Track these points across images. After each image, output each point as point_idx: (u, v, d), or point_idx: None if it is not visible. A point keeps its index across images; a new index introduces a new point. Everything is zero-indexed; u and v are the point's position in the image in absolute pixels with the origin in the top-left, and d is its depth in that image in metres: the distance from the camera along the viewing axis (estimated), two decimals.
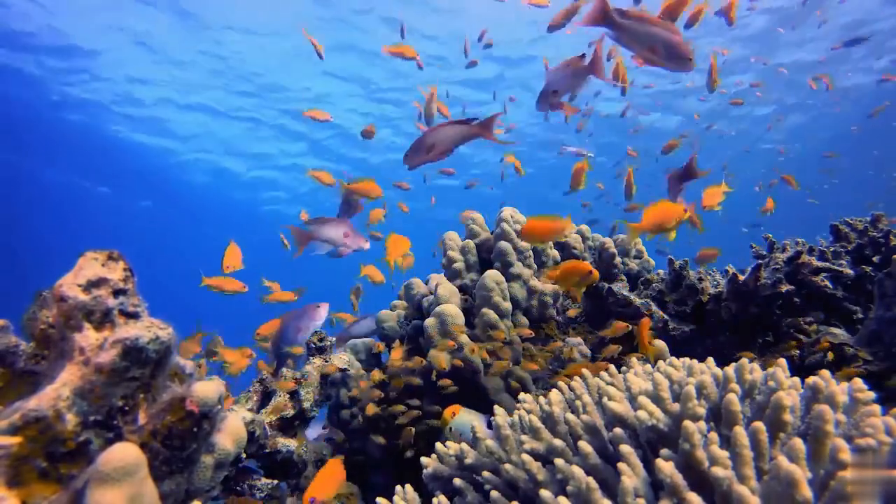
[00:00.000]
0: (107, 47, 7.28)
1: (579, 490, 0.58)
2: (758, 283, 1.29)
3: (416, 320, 1.56)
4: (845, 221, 1.56)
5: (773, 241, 1.54)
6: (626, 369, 0.89)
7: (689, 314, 1.43)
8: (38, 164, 11.09)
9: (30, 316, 0.69)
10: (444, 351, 1.28)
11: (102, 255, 0.66)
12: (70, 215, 14.76)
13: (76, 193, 12.91)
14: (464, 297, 1.49)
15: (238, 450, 0.77)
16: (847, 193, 11.72)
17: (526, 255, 1.55)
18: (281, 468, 1.21)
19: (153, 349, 0.63)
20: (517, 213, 1.59)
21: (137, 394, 0.64)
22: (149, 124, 9.61)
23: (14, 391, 0.65)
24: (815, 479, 0.49)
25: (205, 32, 7.19)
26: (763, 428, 0.53)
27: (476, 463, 0.80)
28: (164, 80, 8.22)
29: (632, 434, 0.65)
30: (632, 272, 1.77)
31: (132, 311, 0.66)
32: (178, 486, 0.67)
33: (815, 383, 0.59)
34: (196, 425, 0.66)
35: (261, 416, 1.22)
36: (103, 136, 9.89)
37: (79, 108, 8.92)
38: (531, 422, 0.74)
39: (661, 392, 0.64)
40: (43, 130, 9.51)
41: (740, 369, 0.65)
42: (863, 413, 0.56)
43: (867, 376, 1.04)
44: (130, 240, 15.24)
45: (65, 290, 0.63)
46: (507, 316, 1.42)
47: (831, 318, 1.32)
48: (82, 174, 11.82)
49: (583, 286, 1.25)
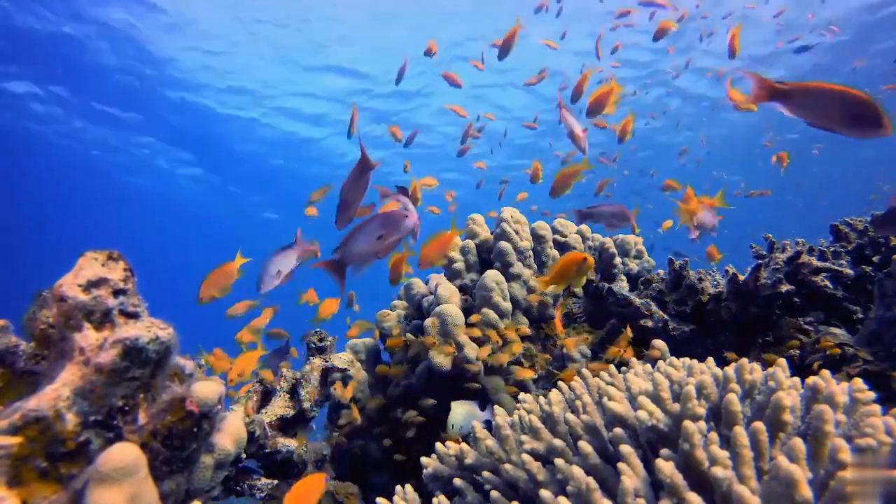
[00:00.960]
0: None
1: (579, 490, 0.58)
2: (758, 283, 1.29)
3: (416, 320, 1.56)
4: (845, 221, 1.56)
5: (773, 241, 1.54)
6: (626, 369, 0.89)
7: (689, 314, 1.43)
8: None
9: (30, 316, 0.69)
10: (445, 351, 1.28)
11: (102, 255, 0.66)
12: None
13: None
14: (464, 297, 1.50)
15: (238, 450, 0.77)
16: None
17: (526, 255, 1.55)
18: (281, 468, 1.21)
19: (153, 349, 0.63)
20: (517, 213, 1.59)
21: (137, 394, 0.64)
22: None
23: (14, 391, 0.65)
24: (815, 479, 0.49)
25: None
26: (763, 428, 0.53)
27: (476, 463, 0.80)
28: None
29: (632, 434, 0.65)
30: (632, 272, 1.77)
31: (132, 311, 0.66)
32: (178, 485, 0.67)
33: (815, 383, 0.59)
34: (196, 425, 0.66)
35: (261, 416, 1.22)
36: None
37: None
38: (531, 422, 0.74)
39: (662, 392, 0.64)
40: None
41: (740, 369, 0.65)
42: (863, 413, 0.56)
43: (867, 376, 1.04)
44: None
45: (65, 290, 0.63)
46: (507, 316, 1.42)
47: (831, 318, 1.32)
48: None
49: (582, 276, 1.21)
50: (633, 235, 1.86)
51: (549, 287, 1.21)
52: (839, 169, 11.31)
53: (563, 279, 1.20)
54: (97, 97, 8.40)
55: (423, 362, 1.36)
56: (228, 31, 7.26)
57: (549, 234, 1.64)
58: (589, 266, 1.16)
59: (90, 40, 6.99)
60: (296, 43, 7.61)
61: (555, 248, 1.67)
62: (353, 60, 8.05)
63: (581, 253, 1.18)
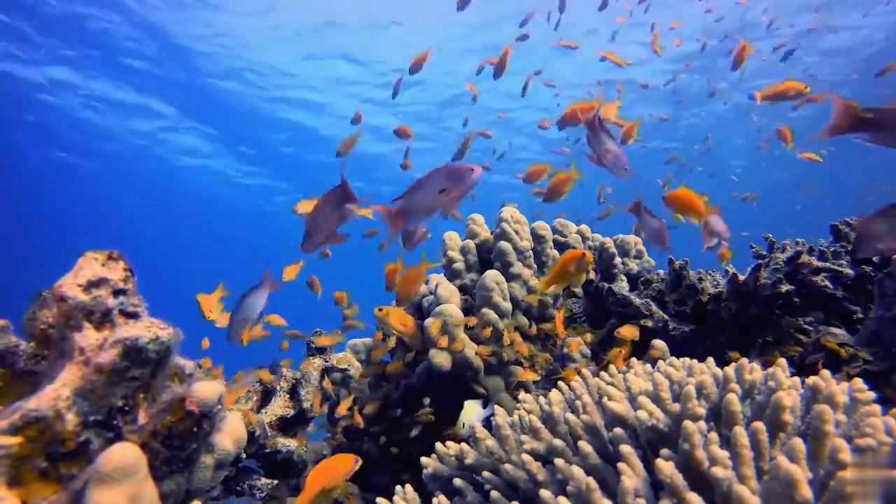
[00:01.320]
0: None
1: (579, 490, 0.58)
2: (758, 283, 1.29)
3: (416, 320, 1.56)
4: (845, 221, 1.56)
5: (773, 241, 1.54)
6: (625, 369, 0.89)
7: (689, 314, 1.43)
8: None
9: (30, 316, 0.69)
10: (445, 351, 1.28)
11: (102, 255, 0.66)
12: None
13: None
14: (464, 297, 1.49)
15: (238, 450, 0.77)
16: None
17: (526, 255, 1.55)
18: (281, 468, 1.21)
19: (153, 349, 0.63)
20: (517, 213, 1.59)
21: (137, 394, 0.64)
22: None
23: (14, 391, 0.65)
24: (815, 479, 0.49)
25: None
26: (763, 428, 0.53)
27: (476, 463, 0.80)
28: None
29: (632, 434, 0.65)
30: (632, 272, 1.77)
31: (132, 311, 0.66)
32: (178, 485, 0.67)
33: (815, 383, 0.59)
34: (196, 425, 0.66)
35: (261, 415, 1.22)
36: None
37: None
38: (531, 422, 0.74)
39: (661, 392, 0.64)
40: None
41: (740, 369, 0.65)
42: (863, 413, 0.56)
43: (867, 376, 1.04)
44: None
45: (65, 290, 0.63)
46: (507, 316, 1.42)
47: (831, 318, 1.32)
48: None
49: (582, 273, 1.19)
50: (634, 235, 1.86)
51: (550, 287, 1.21)
52: (845, 169, 11.30)
53: (563, 278, 1.19)
54: (105, 80, 8.19)
55: (423, 362, 1.36)
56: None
57: (549, 234, 1.64)
58: (588, 262, 1.15)
59: (115, 26, 6.82)
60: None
61: (555, 248, 1.67)
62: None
63: (578, 250, 1.17)
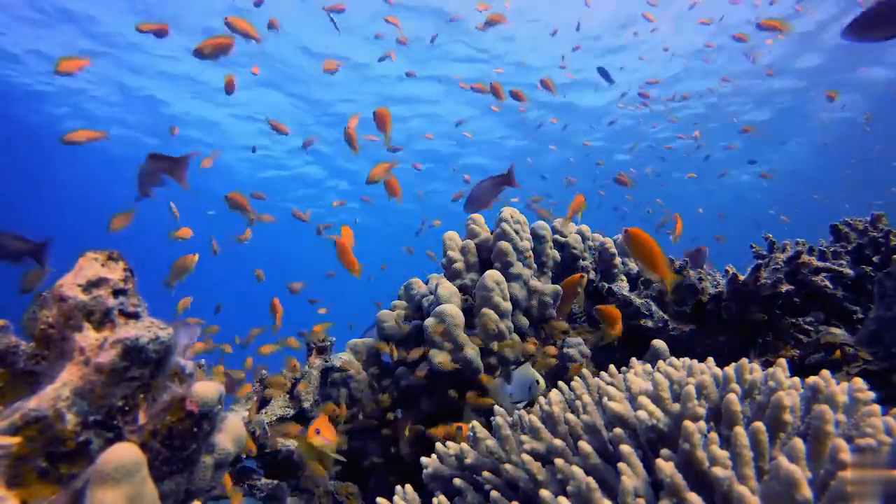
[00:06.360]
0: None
1: (579, 490, 0.58)
2: (758, 283, 1.29)
3: (416, 320, 1.56)
4: (845, 221, 1.56)
5: (773, 241, 1.54)
6: (625, 369, 0.89)
7: (689, 314, 1.43)
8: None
9: (30, 316, 0.69)
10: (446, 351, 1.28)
11: (102, 255, 0.66)
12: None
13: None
14: (464, 298, 1.49)
15: (238, 450, 0.77)
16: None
17: (526, 255, 1.55)
18: (281, 468, 1.21)
19: (153, 349, 0.63)
20: (517, 213, 1.59)
21: (137, 394, 0.64)
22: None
23: (14, 391, 0.65)
24: (815, 479, 0.49)
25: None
26: (763, 428, 0.53)
27: (476, 463, 0.80)
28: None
29: (632, 434, 0.65)
30: (632, 272, 1.77)
31: (132, 311, 0.66)
32: (178, 486, 0.67)
33: (815, 383, 0.59)
34: (196, 425, 0.66)
35: (261, 415, 1.22)
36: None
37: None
38: (531, 422, 0.74)
39: (661, 392, 0.64)
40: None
41: (740, 369, 0.65)
42: (863, 413, 0.56)
43: (867, 376, 1.04)
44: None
45: (65, 290, 0.63)
46: (507, 316, 1.42)
47: (831, 318, 1.32)
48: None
49: (582, 290, 1.39)
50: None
51: (550, 288, 1.26)
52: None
53: (569, 303, 1.40)
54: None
55: (423, 362, 1.36)
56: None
57: (549, 234, 1.64)
58: (584, 282, 1.39)
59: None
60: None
61: (555, 248, 1.67)
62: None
63: (576, 276, 1.37)
